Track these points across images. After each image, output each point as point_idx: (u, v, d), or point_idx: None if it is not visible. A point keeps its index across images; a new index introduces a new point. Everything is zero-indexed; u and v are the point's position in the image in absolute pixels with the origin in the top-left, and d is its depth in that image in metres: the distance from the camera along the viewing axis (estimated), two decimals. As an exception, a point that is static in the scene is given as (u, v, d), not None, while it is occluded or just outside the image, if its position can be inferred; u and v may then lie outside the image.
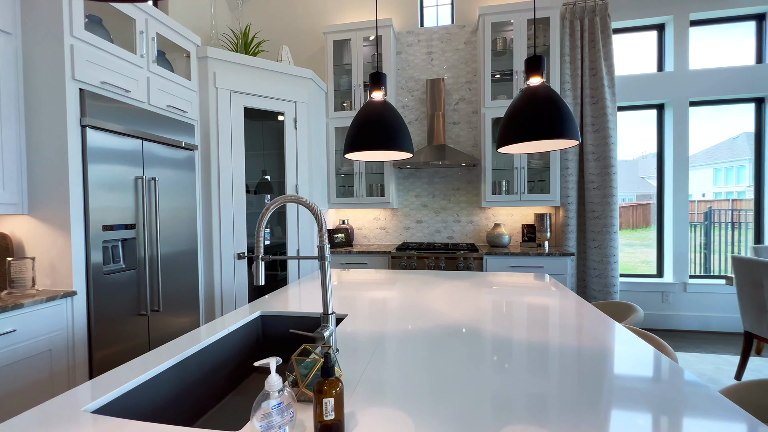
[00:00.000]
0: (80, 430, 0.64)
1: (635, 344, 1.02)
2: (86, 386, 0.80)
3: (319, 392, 0.59)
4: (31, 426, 0.65)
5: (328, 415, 0.58)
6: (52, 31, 1.79)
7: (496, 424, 0.63)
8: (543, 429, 0.62)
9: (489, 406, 0.69)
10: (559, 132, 1.28)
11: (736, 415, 0.65)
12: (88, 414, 0.70)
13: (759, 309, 2.24)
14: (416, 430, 0.62)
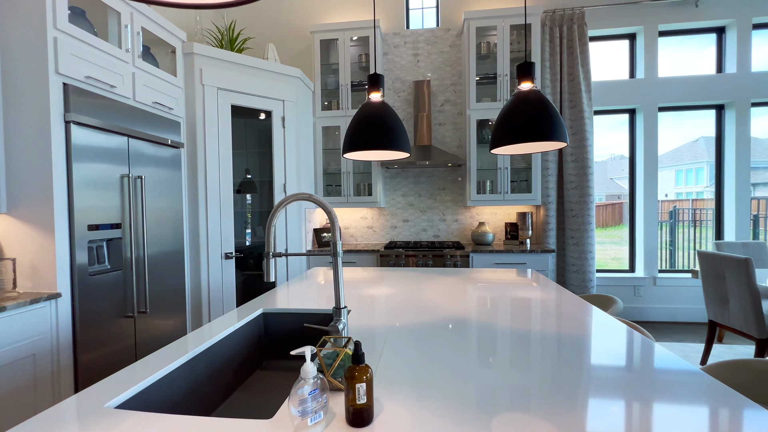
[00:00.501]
0: (108, 424, 0.65)
1: (615, 326, 1.10)
2: (105, 383, 0.80)
3: (351, 378, 0.62)
4: (58, 423, 0.65)
5: (360, 399, 0.62)
6: (33, 23, 1.72)
7: (512, 400, 0.69)
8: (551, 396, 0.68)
9: (502, 386, 0.75)
10: (549, 134, 1.36)
11: (721, 389, 0.73)
12: (112, 409, 0.70)
13: (721, 299, 2.43)
14: (437, 411, 0.67)
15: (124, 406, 0.75)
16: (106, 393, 0.76)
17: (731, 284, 2.31)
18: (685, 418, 0.64)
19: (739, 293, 2.26)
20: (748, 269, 2.18)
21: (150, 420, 0.66)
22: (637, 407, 0.68)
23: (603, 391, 0.74)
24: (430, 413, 0.66)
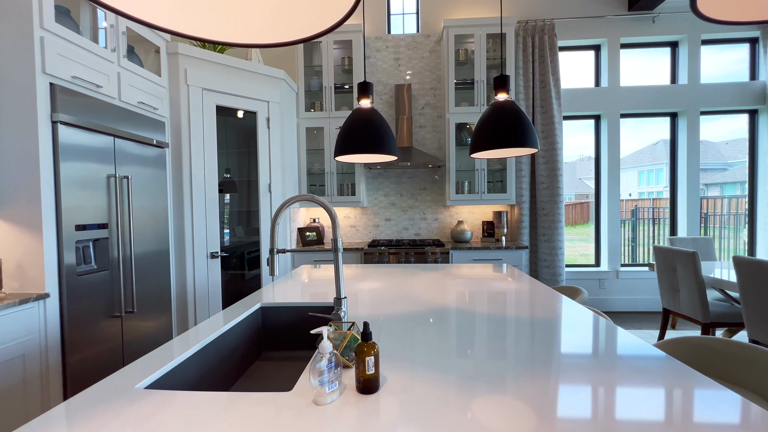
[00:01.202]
0: (144, 401, 0.73)
1: (581, 311, 1.27)
2: (130, 369, 0.87)
3: (361, 353, 0.73)
4: (95, 402, 0.72)
5: (369, 371, 0.73)
6: (19, 22, 1.71)
7: (495, 368, 0.82)
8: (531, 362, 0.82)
9: (482, 363, 0.88)
10: (522, 141, 1.52)
11: (671, 362, 0.90)
12: (142, 389, 0.78)
13: (673, 289, 2.70)
14: (432, 382, 0.79)
15: (152, 387, 0.82)
16: (133, 377, 0.83)
17: (681, 275, 2.58)
18: (642, 385, 0.79)
19: (687, 283, 2.53)
20: (695, 262, 2.45)
21: (180, 397, 0.74)
22: (601, 380, 0.82)
23: (571, 365, 0.88)
24: (426, 383, 0.78)
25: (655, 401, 0.70)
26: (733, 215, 4.79)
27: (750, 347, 1.18)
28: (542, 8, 3.77)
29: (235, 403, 0.72)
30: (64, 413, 0.69)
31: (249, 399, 0.73)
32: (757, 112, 3.82)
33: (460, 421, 0.64)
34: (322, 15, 0.46)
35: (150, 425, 0.65)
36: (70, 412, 0.69)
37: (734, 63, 3.93)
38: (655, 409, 0.67)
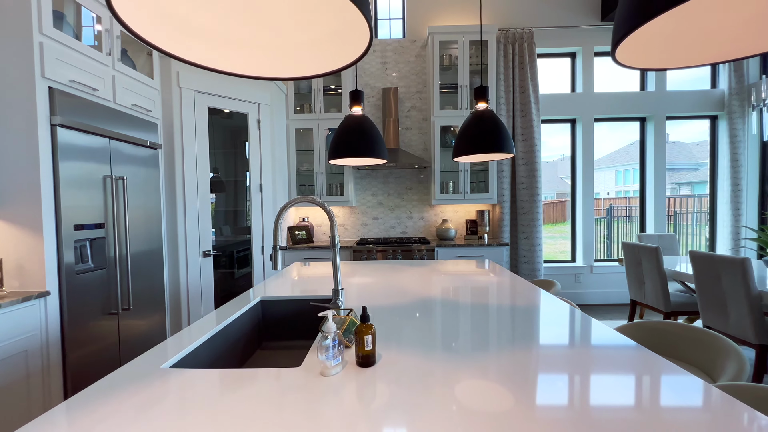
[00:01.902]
0: (171, 378, 0.84)
1: (554, 301, 1.43)
2: (153, 352, 0.97)
3: (360, 332, 0.86)
4: (127, 381, 0.83)
5: (367, 347, 0.86)
6: (19, 28, 1.76)
7: (474, 347, 0.96)
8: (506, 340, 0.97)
9: (464, 346, 1.02)
10: (500, 147, 1.68)
11: (626, 341, 1.06)
12: (167, 369, 0.88)
13: (639, 282, 2.93)
14: (419, 359, 0.92)
15: (174, 367, 0.93)
16: (157, 359, 0.94)
17: (646, 269, 2.81)
18: (609, 362, 0.94)
19: (651, 276, 2.76)
20: (657, 256, 2.67)
21: (202, 373, 0.85)
22: (573, 359, 0.98)
23: (540, 339, 1.03)
24: (416, 361, 0.92)
25: (613, 373, 0.85)
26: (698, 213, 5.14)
27: (693, 328, 1.37)
28: (522, 17, 3.96)
29: (252, 377, 0.84)
30: (105, 388, 0.79)
31: (264, 373, 0.85)
32: (717, 118, 4.12)
33: (444, 386, 0.78)
34: (341, 55, 0.58)
35: (183, 395, 0.76)
36: (108, 388, 0.79)
37: (698, 71, 4.23)
38: (614, 381, 0.83)
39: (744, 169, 3.88)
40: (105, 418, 0.68)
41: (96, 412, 0.70)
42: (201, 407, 0.71)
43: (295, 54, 0.61)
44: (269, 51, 0.63)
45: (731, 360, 1.19)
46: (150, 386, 0.80)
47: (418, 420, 0.65)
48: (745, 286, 2.03)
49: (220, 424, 0.65)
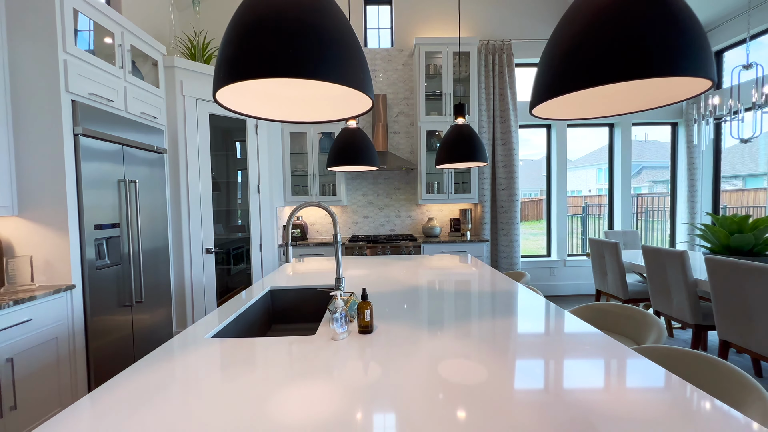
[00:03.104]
0: (213, 345, 1.08)
1: (524, 290, 1.73)
2: (196, 326, 1.22)
3: (361, 308, 1.12)
4: (177, 348, 1.08)
5: (366, 319, 1.12)
6: (45, 47, 1.94)
7: (454, 321, 1.24)
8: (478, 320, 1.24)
9: (448, 324, 1.30)
10: (473, 157, 1.96)
11: (581, 323, 1.35)
12: (209, 338, 1.13)
13: (602, 273, 3.28)
14: (407, 330, 1.19)
15: (213, 338, 1.18)
16: (200, 331, 1.18)
17: (608, 262, 3.16)
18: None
19: (612, 268, 3.10)
20: (617, 250, 3.02)
21: (236, 341, 1.11)
22: (521, 322, 1.26)
23: (507, 314, 1.32)
24: (404, 330, 1.19)
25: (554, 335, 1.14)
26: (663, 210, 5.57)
27: (628, 308, 1.68)
28: (501, 30, 4.26)
29: (278, 341, 1.09)
30: (168, 350, 1.03)
31: (287, 339, 1.11)
32: (677, 124, 4.52)
33: (428, 346, 1.05)
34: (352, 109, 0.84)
35: (229, 353, 1.01)
36: (170, 351, 1.04)
37: (660, 81, 4.60)
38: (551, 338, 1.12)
39: (699, 171, 4.29)
40: (178, 367, 0.93)
41: (170, 363, 0.95)
42: (244, 362, 0.97)
43: (320, 108, 0.87)
44: (304, 106, 0.88)
45: (653, 331, 1.51)
46: (201, 349, 1.05)
47: (405, 366, 0.93)
48: (683, 275, 2.38)
49: (262, 372, 0.91)
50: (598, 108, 0.88)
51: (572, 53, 0.65)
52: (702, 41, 0.59)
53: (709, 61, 0.59)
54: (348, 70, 0.67)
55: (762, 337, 1.92)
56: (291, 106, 0.86)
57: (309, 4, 0.64)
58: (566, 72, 0.66)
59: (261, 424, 0.68)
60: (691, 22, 0.59)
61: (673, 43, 0.58)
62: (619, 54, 0.59)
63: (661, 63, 0.57)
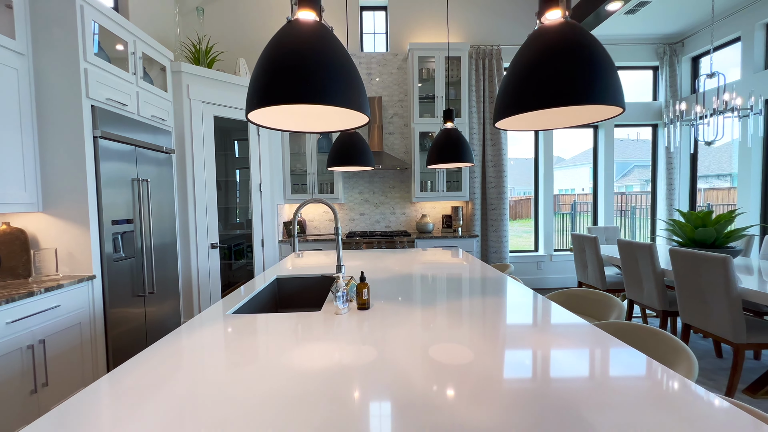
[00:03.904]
0: (234, 319, 1.28)
1: (511, 280, 1.94)
2: (219, 304, 1.41)
3: (359, 288, 1.33)
4: (206, 321, 1.27)
5: (364, 297, 1.33)
6: (67, 56, 2.11)
7: (443, 302, 1.44)
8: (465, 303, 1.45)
9: (435, 299, 1.50)
10: (462, 158, 2.16)
11: (557, 308, 1.57)
12: (230, 314, 1.33)
13: (583, 266, 3.52)
14: (400, 308, 1.40)
15: (234, 314, 1.37)
16: (222, 308, 1.38)
17: (588, 255, 3.39)
18: (529, 303, 1.44)
19: (592, 261, 3.34)
20: (596, 244, 3.25)
21: (252, 318, 1.30)
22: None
23: (488, 296, 1.53)
24: (397, 307, 1.40)
25: (529, 312, 1.35)
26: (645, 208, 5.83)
27: (596, 293, 1.89)
28: (491, 36, 4.47)
29: (289, 316, 1.29)
30: (196, 325, 1.23)
31: (297, 314, 1.31)
32: (657, 126, 4.77)
33: (417, 317, 1.26)
34: (353, 122, 1.05)
35: (249, 325, 1.21)
36: (198, 326, 1.23)
37: (641, 86, 4.85)
38: (529, 315, 1.33)
39: (677, 171, 4.54)
40: (206, 336, 1.12)
41: (198, 333, 1.14)
42: (262, 330, 1.17)
43: (329, 120, 1.07)
44: (316, 119, 1.08)
45: (615, 311, 1.73)
46: (226, 321, 1.25)
47: (396, 331, 1.13)
48: (652, 266, 2.61)
49: (279, 336, 1.11)
50: (544, 122, 1.09)
51: (521, 84, 0.85)
52: (612, 79, 0.80)
53: (617, 93, 0.80)
54: (350, 96, 0.87)
55: (717, 320, 2.15)
56: (306, 120, 1.06)
57: (319, 46, 0.84)
58: (518, 98, 0.86)
59: (282, 370, 0.89)
60: (605, 64, 0.80)
61: (590, 80, 0.78)
62: (552, 87, 0.80)
63: (581, 95, 0.78)
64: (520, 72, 0.86)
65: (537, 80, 0.81)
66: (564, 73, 0.80)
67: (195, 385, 0.82)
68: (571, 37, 0.82)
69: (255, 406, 0.72)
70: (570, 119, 1.05)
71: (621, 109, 0.85)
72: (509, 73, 0.93)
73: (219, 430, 0.64)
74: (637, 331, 1.37)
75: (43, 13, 2.09)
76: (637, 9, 3.90)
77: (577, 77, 0.79)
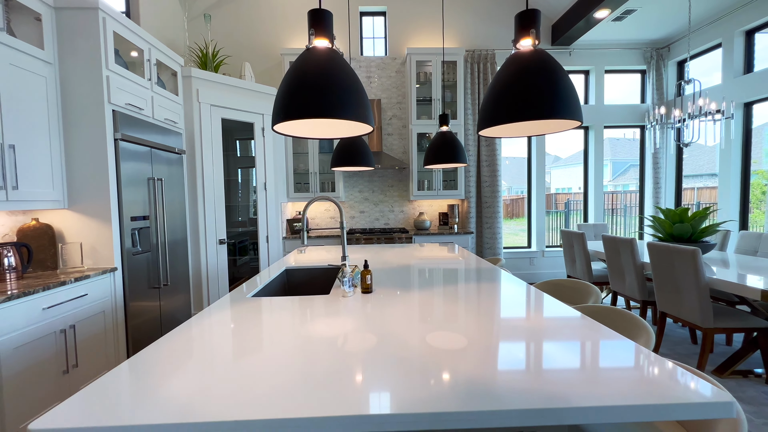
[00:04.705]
0: (254, 302, 1.46)
1: (503, 272, 2.12)
2: (240, 289, 1.60)
3: (363, 274, 1.51)
4: (231, 302, 1.45)
5: (368, 282, 1.51)
6: (91, 65, 2.28)
7: (439, 287, 1.63)
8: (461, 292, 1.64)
9: (433, 285, 1.69)
10: (456, 159, 2.35)
11: (554, 304, 1.76)
12: (250, 297, 1.51)
13: (572, 260, 3.71)
14: (401, 292, 1.58)
15: (253, 297, 1.56)
16: (243, 292, 1.56)
17: (576, 250, 3.58)
18: (515, 290, 1.64)
19: (579, 255, 3.53)
20: (583, 240, 3.44)
21: (268, 301, 1.49)
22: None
23: (480, 283, 1.71)
24: (396, 292, 1.58)
25: (517, 297, 1.55)
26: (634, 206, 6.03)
27: (579, 282, 2.08)
28: (485, 41, 4.66)
29: (301, 299, 1.48)
30: (223, 306, 1.41)
31: (308, 297, 1.49)
32: (644, 127, 4.97)
33: (414, 299, 1.45)
34: (360, 130, 1.23)
35: (267, 306, 1.39)
36: (224, 307, 1.41)
37: (630, 88, 5.05)
38: (519, 301, 1.52)
39: (663, 170, 4.74)
40: (237, 312, 1.31)
41: (230, 310, 1.33)
42: (281, 308, 1.35)
43: (340, 129, 1.25)
44: (330, 128, 1.27)
45: (592, 297, 1.92)
46: (248, 302, 1.43)
47: (395, 309, 1.32)
48: (633, 259, 2.81)
49: (295, 313, 1.29)
50: (520, 131, 1.27)
51: (499, 100, 1.04)
52: (572, 99, 0.99)
53: (575, 109, 0.99)
54: (358, 111, 1.05)
55: (688, 308, 2.35)
56: (320, 129, 1.24)
57: (332, 70, 1.02)
58: (495, 111, 1.05)
59: (301, 336, 1.07)
60: (567, 86, 0.99)
61: (553, 99, 0.97)
62: (523, 104, 0.99)
63: (547, 111, 0.97)
64: (498, 91, 1.05)
65: (511, 98, 1.00)
66: (533, 92, 0.98)
67: (241, 341, 1.00)
68: (539, 64, 1.01)
69: (284, 359, 0.91)
70: (537, 129, 1.24)
71: (578, 122, 1.04)
72: (489, 89, 1.11)
73: (262, 371, 0.82)
74: (608, 312, 1.56)
75: (68, 24, 2.26)
76: (624, 16, 4.09)
77: (544, 96, 0.98)
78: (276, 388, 0.76)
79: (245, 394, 0.74)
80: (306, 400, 0.71)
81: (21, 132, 2.02)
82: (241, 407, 0.69)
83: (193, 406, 0.69)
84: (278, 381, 0.79)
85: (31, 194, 2.08)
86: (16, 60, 1.99)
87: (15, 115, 1.99)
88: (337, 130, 1.27)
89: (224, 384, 0.78)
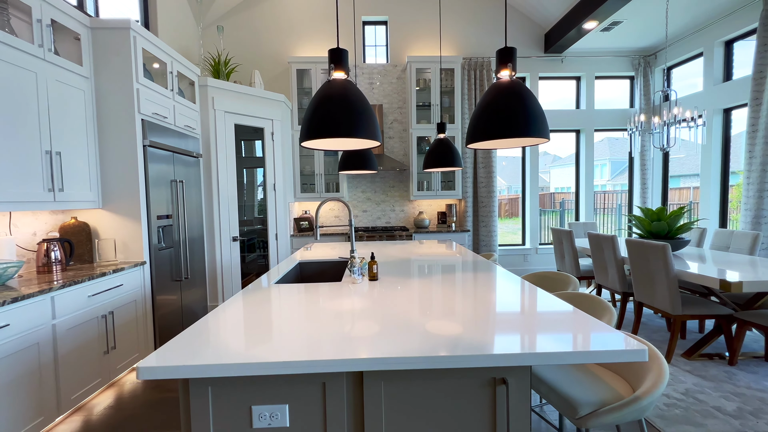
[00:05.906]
0: (278, 288, 1.72)
1: (489, 262, 2.38)
2: (263, 278, 1.86)
3: (370, 264, 1.77)
4: (261, 288, 1.71)
5: (374, 271, 1.77)
6: (123, 79, 2.54)
7: (438, 277, 1.89)
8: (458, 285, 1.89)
9: (433, 275, 1.95)
10: (452, 164, 2.61)
11: (531, 287, 2.02)
12: (275, 284, 1.77)
13: (561, 257, 3.97)
14: (403, 281, 1.84)
15: (276, 284, 1.82)
16: (268, 280, 1.82)
17: (565, 247, 3.84)
18: (506, 281, 1.90)
19: (568, 251, 3.79)
20: (571, 237, 3.70)
21: (290, 286, 1.75)
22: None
23: (475, 274, 1.97)
24: (400, 279, 1.84)
25: (508, 285, 1.81)
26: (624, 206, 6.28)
27: (559, 273, 2.34)
28: (482, 49, 4.91)
29: (315, 286, 1.73)
30: (252, 291, 1.67)
31: (323, 284, 1.75)
32: (633, 131, 5.21)
33: (415, 285, 1.71)
34: (370, 144, 1.49)
35: (288, 291, 1.65)
36: (253, 291, 1.67)
37: (619, 93, 5.31)
38: (510, 289, 1.78)
39: (650, 172, 5.00)
40: (273, 292, 1.57)
41: (264, 292, 1.59)
42: (301, 292, 1.61)
43: (351, 143, 1.51)
44: (341, 142, 1.52)
45: (571, 286, 2.18)
46: (275, 288, 1.69)
47: (399, 292, 1.58)
48: (614, 254, 3.06)
49: (313, 295, 1.55)
50: (502, 144, 1.53)
51: (483, 118, 1.30)
52: (541, 121, 1.25)
53: (544, 129, 1.25)
54: (368, 130, 1.31)
55: (660, 297, 2.61)
56: (337, 143, 1.50)
57: (348, 98, 1.28)
58: (479, 129, 1.31)
59: (321, 312, 1.33)
60: (537, 111, 1.25)
61: (527, 120, 1.23)
62: (502, 124, 1.25)
63: (522, 130, 1.23)
64: (481, 112, 1.31)
65: (493, 119, 1.26)
66: (509, 115, 1.24)
67: (279, 311, 1.26)
68: (515, 91, 1.27)
69: (314, 323, 1.16)
70: (514, 143, 1.50)
71: (547, 139, 1.29)
72: (476, 110, 1.37)
73: (300, 330, 1.08)
74: (582, 298, 1.82)
75: (103, 42, 2.52)
76: (611, 27, 4.34)
77: (519, 118, 1.24)
78: (312, 339, 1.02)
79: (291, 343, 1.00)
80: (335, 348, 0.97)
81: (65, 140, 2.28)
82: (288, 351, 0.95)
83: (253, 351, 0.95)
84: (315, 337, 1.05)
85: (73, 195, 2.34)
86: (61, 76, 2.25)
87: (61, 126, 2.25)
88: (351, 144, 1.53)
89: (275, 338, 1.04)
